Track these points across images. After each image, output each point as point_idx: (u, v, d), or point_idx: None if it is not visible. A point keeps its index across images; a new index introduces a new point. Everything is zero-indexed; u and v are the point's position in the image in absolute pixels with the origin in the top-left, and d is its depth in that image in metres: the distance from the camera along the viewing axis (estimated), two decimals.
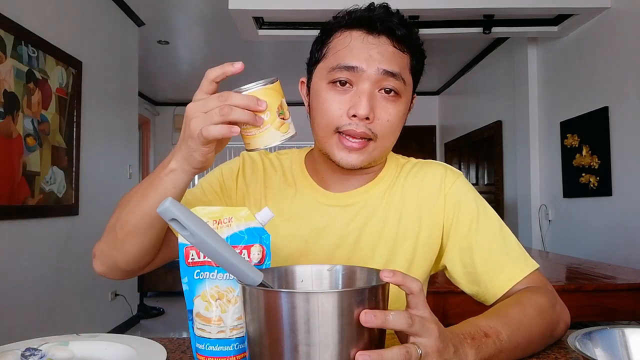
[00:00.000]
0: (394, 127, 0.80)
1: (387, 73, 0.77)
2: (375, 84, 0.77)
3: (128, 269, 0.78)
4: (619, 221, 3.06)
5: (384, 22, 0.78)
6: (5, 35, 2.44)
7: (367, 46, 0.78)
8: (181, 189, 0.68)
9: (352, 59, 0.77)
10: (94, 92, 3.41)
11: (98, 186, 3.48)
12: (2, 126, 2.41)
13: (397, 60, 0.78)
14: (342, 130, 0.78)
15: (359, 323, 0.48)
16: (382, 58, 0.77)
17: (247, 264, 0.53)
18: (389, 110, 0.78)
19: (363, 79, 0.77)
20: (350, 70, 0.77)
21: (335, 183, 0.87)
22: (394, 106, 0.79)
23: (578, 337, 0.59)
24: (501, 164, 4.72)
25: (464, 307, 1.71)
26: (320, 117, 0.80)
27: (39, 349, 0.69)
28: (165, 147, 7.26)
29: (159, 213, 0.49)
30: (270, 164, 0.93)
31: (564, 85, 3.66)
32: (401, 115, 0.81)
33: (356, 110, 0.75)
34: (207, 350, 0.60)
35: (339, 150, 0.79)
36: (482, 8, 3.16)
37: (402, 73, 0.78)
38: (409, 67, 0.81)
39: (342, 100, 0.78)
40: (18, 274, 2.57)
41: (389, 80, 0.77)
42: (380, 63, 0.77)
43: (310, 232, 0.86)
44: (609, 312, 1.76)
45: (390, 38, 0.79)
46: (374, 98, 0.77)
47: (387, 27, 0.78)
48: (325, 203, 0.87)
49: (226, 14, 3.25)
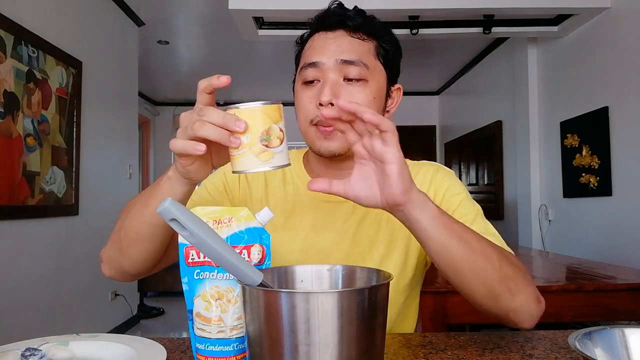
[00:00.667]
0: None
1: (345, 62, 0.81)
2: (338, 73, 0.82)
3: (136, 273, 0.79)
4: (618, 221, 3.06)
5: (338, 16, 0.84)
6: (5, 35, 2.44)
7: (326, 42, 0.84)
8: (178, 197, 0.68)
9: (314, 56, 0.83)
10: (94, 92, 3.41)
11: (98, 186, 3.48)
12: (2, 126, 2.41)
13: (355, 48, 0.83)
14: (315, 121, 0.82)
15: (359, 323, 0.48)
16: (340, 49, 0.82)
17: (247, 264, 0.53)
18: (354, 94, 0.81)
19: (325, 71, 0.82)
20: (313, 66, 0.83)
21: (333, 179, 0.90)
22: (360, 90, 0.82)
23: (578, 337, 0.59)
24: (501, 164, 4.72)
25: (464, 307, 1.71)
26: (299, 113, 0.86)
27: (39, 349, 0.69)
28: (165, 147, 7.26)
29: (158, 213, 0.49)
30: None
31: (564, 85, 3.66)
32: (370, 99, 0.83)
33: (320, 98, 0.79)
34: (207, 350, 0.60)
35: (318, 139, 0.83)
36: (482, 8, 3.16)
37: (362, 59, 0.82)
38: (373, 53, 0.85)
39: (311, 95, 0.83)
40: (18, 274, 2.57)
41: (349, 68, 0.81)
42: (338, 54, 0.82)
43: (309, 228, 0.89)
44: (609, 312, 1.76)
45: (346, 30, 0.84)
46: (338, 86, 0.81)
47: (340, 20, 0.84)
48: (322, 200, 0.89)
49: (226, 14, 3.25)
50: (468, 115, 5.73)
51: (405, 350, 0.72)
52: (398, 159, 0.60)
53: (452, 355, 0.70)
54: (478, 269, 0.67)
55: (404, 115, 6.49)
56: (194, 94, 0.64)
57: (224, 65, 5.38)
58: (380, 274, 0.59)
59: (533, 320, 0.73)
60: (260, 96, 6.72)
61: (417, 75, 6.04)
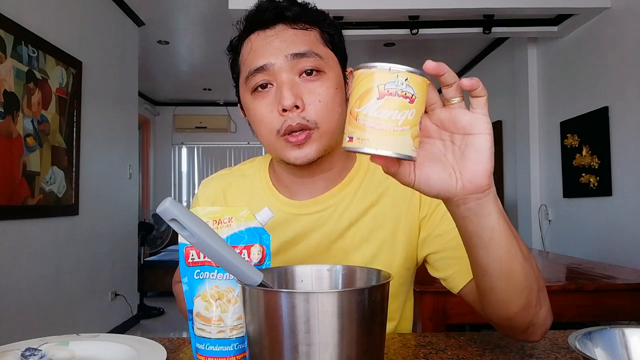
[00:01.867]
0: (330, 105, 0.75)
1: (296, 56, 0.74)
2: (292, 71, 0.74)
3: None
4: (619, 221, 3.06)
5: (272, 10, 0.76)
6: (5, 35, 2.44)
7: (267, 41, 0.76)
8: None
9: (259, 59, 0.75)
10: (94, 92, 3.41)
11: (98, 186, 3.48)
12: (2, 126, 2.41)
13: (301, 39, 0.75)
14: (282, 131, 0.74)
15: (359, 323, 0.48)
16: (286, 44, 0.74)
17: (247, 264, 0.53)
18: (316, 90, 0.74)
19: (277, 72, 0.74)
20: (261, 70, 0.75)
21: (300, 189, 0.84)
22: (320, 84, 0.75)
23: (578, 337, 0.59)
24: (501, 164, 4.72)
25: (464, 307, 1.71)
26: (259, 127, 0.77)
27: (39, 349, 0.69)
28: (165, 147, 7.26)
29: (158, 213, 0.49)
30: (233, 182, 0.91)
31: (564, 85, 3.66)
32: (333, 91, 0.76)
33: (282, 103, 0.72)
34: (207, 350, 0.60)
35: (289, 150, 0.75)
36: (482, 8, 3.16)
37: (313, 49, 0.75)
38: (321, 41, 0.78)
39: (269, 102, 0.75)
40: (18, 273, 2.57)
41: (302, 61, 0.74)
42: (286, 50, 0.74)
43: (280, 244, 0.83)
44: (609, 312, 1.76)
45: (286, 22, 0.77)
46: (297, 85, 0.74)
47: (277, 13, 0.76)
48: (293, 213, 0.83)
49: (226, 14, 3.25)
50: None
51: (405, 350, 0.72)
52: (491, 130, 0.50)
53: (452, 355, 0.70)
54: (531, 279, 0.60)
55: None
56: (194, 94, 0.64)
57: (224, 65, 5.36)
58: (380, 274, 0.59)
59: (543, 335, 0.67)
60: None
61: None
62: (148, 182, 6.96)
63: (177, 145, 7.32)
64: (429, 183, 0.52)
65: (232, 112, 7.07)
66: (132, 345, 0.71)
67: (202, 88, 6.38)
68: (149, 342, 0.73)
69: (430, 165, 0.51)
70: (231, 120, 7.11)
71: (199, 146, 7.35)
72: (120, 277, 3.89)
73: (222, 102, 7.02)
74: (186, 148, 7.37)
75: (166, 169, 7.27)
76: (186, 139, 7.28)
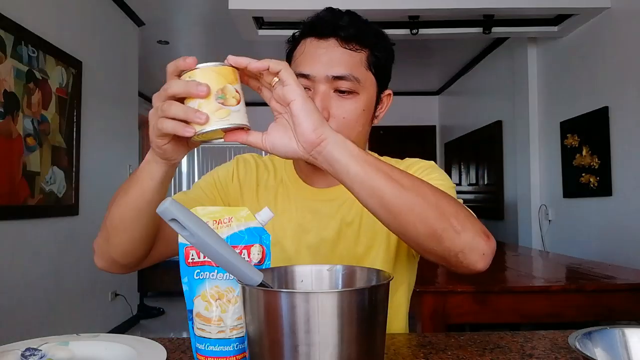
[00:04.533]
0: (352, 123, 0.83)
1: (336, 77, 0.81)
2: (329, 85, 0.82)
3: (125, 263, 0.79)
4: (619, 221, 3.06)
5: (330, 24, 0.82)
6: (5, 35, 2.44)
7: (318, 52, 0.82)
8: (157, 180, 0.68)
9: (305, 66, 0.82)
10: (94, 92, 3.41)
11: (98, 186, 3.48)
12: (2, 126, 2.41)
13: (346, 61, 0.81)
14: None
15: (359, 323, 0.48)
16: (331, 63, 0.81)
17: (247, 264, 0.53)
18: (344, 107, 0.82)
19: (317, 82, 0.82)
20: (304, 77, 0.82)
21: (318, 179, 0.92)
22: (350, 103, 0.82)
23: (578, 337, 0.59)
24: (501, 164, 4.72)
25: (464, 307, 1.71)
26: None
27: (39, 349, 0.69)
28: None
29: (158, 213, 0.49)
30: (263, 166, 0.98)
31: (564, 85, 3.66)
32: (360, 112, 0.83)
33: None
34: (207, 350, 0.60)
35: None
36: (482, 8, 3.16)
37: (353, 73, 0.81)
38: (364, 65, 0.83)
39: None
40: (18, 274, 2.57)
41: (339, 82, 0.81)
42: (329, 69, 0.81)
43: (297, 226, 0.90)
44: (609, 312, 1.76)
45: (338, 40, 0.82)
46: (329, 98, 0.82)
47: (333, 29, 0.82)
48: (310, 199, 0.92)
49: (226, 14, 3.25)
50: (468, 115, 5.73)
51: (405, 350, 0.73)
52: (299, 95, 0.60)
53: (452, 355, 0.70)
54: (412, 206, 0.63)
55: (404, 115, 6.50)
56: None
57: None
58: (380, 274, 0.59)
59: (485, 259, 0.67)
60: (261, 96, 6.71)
61: (417, 75, 6.04)
62: None
63: None
64: (275, 146, 0.64)
65: None
66: (132, 345, 0.71)
67: None
68: (149, 342, 0.73)
69: (276, 133, 0.64)
70: None
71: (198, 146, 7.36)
72: (120, 277, 3.89)
73: None
74: None
75: None
76: None
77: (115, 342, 0.72)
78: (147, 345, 0.71)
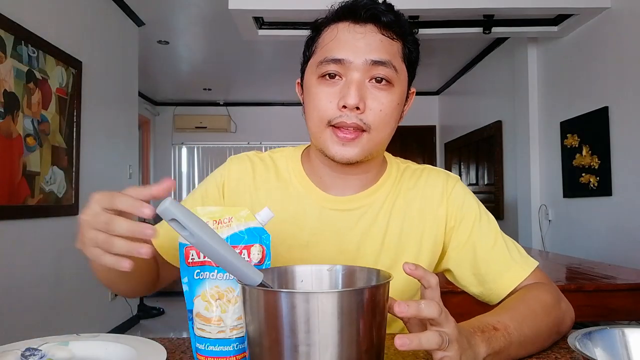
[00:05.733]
0: (387, 117, 0.77)
1: (375, 63, 0.74)
2: (365, 74, 0.75)
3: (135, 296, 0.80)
4: (619, 221, 3.06)
5: (369, 9, 0.76)
6: (5, 35, 2.44)
7: (354, 36, 0.75)
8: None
9: (340, 51, 0.75)
10: (94, 92, 3.41)
11: (98, 186, 3.47)
12: (2, 126, 2.41)
13: (385, 48, 0.76)
14: (334, 122, 0.75)
15: (359, 323, 0.48)
16: (370, 48, 0.75)
17: (247, 264, 0.53)
18: (380, 99, 0.76)
19: (351, 69, 0.75)
20: (337, 62, 0.75)
21: (334, 185, 0.85)
22: (386, 95, 0.76)
23: (578, 337, 0.59)
24: (501, 164, 4.72)
25: (464, 307, 1.70)
26: (312, 112, 0.78)
27: (39, 349, 0.69)
28: (165, 147, 7.26)
29: (158, 213, 0.49)
30: (262, 165, 0.89)
31: (564, 85, 3.66)
32: (395, 105, 0.78)
33: (345, 100, 0.73)
34: (207, 350, 0.60)
35: (333, 144, 0.76)
36: (482, 8, 3.16)
37: (392, 61, 0.76)
38: (400, 55, 0.78)
39: (332, 93, 0.76)
40: (18, 274, 2.57)
41: (378, 69, 0.75)
42: (368, 53, 0.74)
43: (311, 236, 0.83)
44: (609, 312, 1.76)
45: (377, 25, 0.76)
46: (364, 88, 0.75)
47: (372, 14, 0.76)
48: (325, 206, 0.84)
49: (226, 14, 3.25)
50: (468, 115, 5.73)
51: (405, 350, 0.72)
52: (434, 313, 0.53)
53: None
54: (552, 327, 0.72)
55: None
56: (194, 94, 0.64)
57: (224, 65, 5.38)
58: (380, 273, 0.59)
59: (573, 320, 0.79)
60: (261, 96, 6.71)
61: (417, 75, 6.02)
62: (148, 182, 6.96)
63: (177, 145, 7.31)
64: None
65: (232, 112, 7.07)
66: (132, 345, 0.71)
67: (202, 88, 6.37)
68: (149, 342, 0.72)
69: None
70: (231, 120, 7.11)
71: (198, 146, 7.35)
72: None
73: (222, 102, 7.01)
74: (186, 148, 7.37)
75: (166, 169, 7.27)
76: (186, 139, 7.28)
77: (115, 342, 0.72)
78: (147, 345, 0.71)
